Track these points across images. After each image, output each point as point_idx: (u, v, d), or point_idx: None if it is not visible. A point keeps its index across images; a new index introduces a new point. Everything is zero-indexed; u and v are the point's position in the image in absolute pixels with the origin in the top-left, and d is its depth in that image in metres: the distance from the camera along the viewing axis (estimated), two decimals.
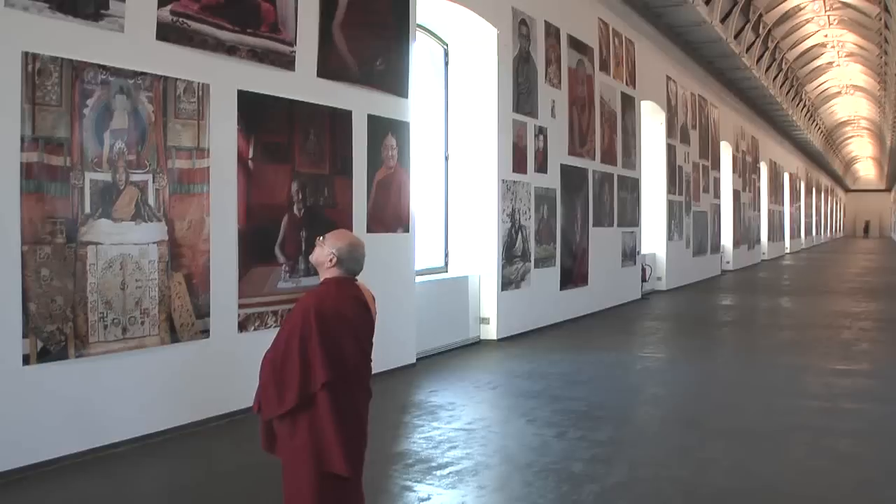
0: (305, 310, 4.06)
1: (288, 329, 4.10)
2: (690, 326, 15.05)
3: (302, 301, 4.19)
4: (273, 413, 4.10)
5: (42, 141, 5.94)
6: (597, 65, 16.10)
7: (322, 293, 4.16)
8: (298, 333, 4.02)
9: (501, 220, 12.33)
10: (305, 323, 4.02)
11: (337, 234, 4.24)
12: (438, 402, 8.31)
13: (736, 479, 5.92)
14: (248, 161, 7.72)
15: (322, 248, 4.14)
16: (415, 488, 5.71)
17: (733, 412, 8.02)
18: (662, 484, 5.85)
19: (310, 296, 4.20)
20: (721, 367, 10.97)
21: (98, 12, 6.35)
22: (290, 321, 4.12)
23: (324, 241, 4.16)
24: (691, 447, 6.78)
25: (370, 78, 9.31)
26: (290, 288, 8.15)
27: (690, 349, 12.20)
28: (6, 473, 5.68)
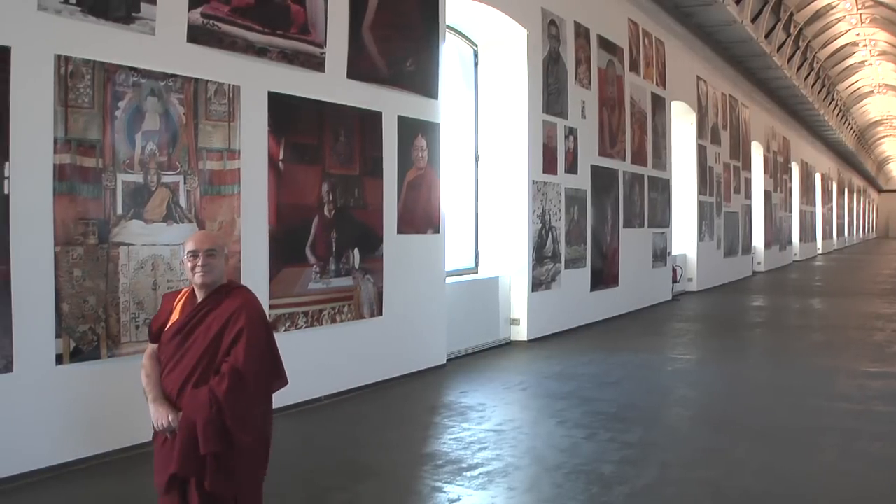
0: (261, 311, 3.96)
1: (260, 332, 3.85)
2: (721, 328, 14.83)
3: (253, 302, 3.95)
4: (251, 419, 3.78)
5: (74, 142, 5.94)
6: (627, 65, 15.93)
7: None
8: (269, 334, 3.96)
9: (532, 220, 12.23)
10: (268, 324, 4.02)
11: (215, 235, 4.11)
12: (468, 402, 8.24)
13: (766, 482, 5.80)
14: (279, 162, 7.70)
15: (218, 256, 3.87)
16: (445, 489, 5.65)
17: (764, 414, 7.87)
18: (692, 486, 5.76)
19: (253, 295, 4.03)
20: (752, 368, 10.78)
21: (129, 15, 6.34)
22: (255, 323, 3.85)
23: (215, 251, 3.87)
24: (721, 449, 6.67)
25: (400, 79, 9.26)
26: (321, 289, 8.12)
27: (721, 350, 12.04)
28: (38, 472, 5.69)
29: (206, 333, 3.78)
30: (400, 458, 6.47)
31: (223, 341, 3.77)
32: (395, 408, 8.19)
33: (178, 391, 3.75)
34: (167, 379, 3.81)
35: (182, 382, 3.75)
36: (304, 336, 7.97)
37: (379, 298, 8.91)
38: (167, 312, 3.96)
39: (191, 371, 3.75)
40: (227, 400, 3.64)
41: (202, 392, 3.67)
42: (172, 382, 3.78)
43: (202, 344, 3.78)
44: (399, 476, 6.06)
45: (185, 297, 3.96)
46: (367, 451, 6.66)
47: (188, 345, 3.80)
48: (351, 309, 8.52)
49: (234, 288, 3.99)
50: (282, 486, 5.67)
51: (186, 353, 3.79)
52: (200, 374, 3.74)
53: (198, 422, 3.60)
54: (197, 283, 3.85)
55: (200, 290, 3.87)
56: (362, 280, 8.68)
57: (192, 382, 3.73)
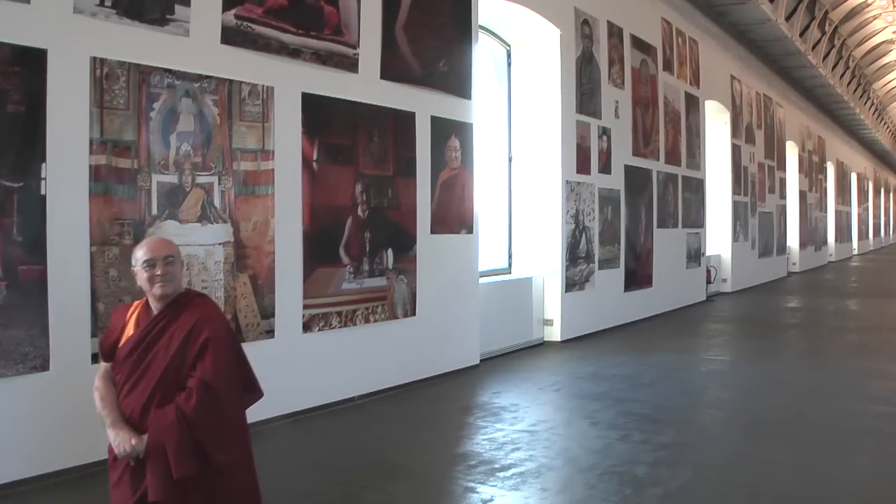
0: (226, 320, 3.73)
1: (227, 342, 3.58)
2: (755, 329, 14.58)
3: (216, 311, 3.71)
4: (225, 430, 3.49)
5: (110, 144, 5.95)
6: (660, 64, 15.74)
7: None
8: (236, 343, 3.70)
9: (565, 221, 12.11)
10: (234, 334, 3.81)
11: (169, 241, 3.79)
12: (502, 403, 8.16)
13: (800, 484, 5.68)
14: (313, 163, 7.66)
15: (176, 263, 3.61)
16: (478, 489, 5.58)
17: (798, 416, 7.70)
18: (726, 488, 5.64)
19: (215, 303, 3.81)
20: (786, 369, 10.54)
21: (164, 17, 6.34)
22: (221, 332, 3.57)
23: (173, 258, 3.60)
24: (755, 451, 6.51)
25: (433, 79, 9.20)
26: (355, 289, 8.08)
27: (755, 351, 11.82)
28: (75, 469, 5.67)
29: (167, 348, 3.47)
30: (433, 459, 6.40)
31: (187, 355, 3.45)
32: (428, 408, 8.14)
33: (140, 413, 3.42)
34: (126, 400, 3.48)
35: (144, 403, 3.42)
36: (337, 336, 7.93)
37: (412, 298, 8.87)
38: (119, 328, 3.63)
39: (153, 390, 3.42)
40: (197, 417, 3.33)
41: (168, 411, 3.34)
42: (133, 404, 3.45)
43: (163, 359, 3.45)
44: (432, 476, 6.00)
45: (139, 309, 3.64)
46: (400, 451, 6.61)
47: (147, 361, 3.47)
48: (384, 309, 8.48)
49: (193, 297, 3.68)
50: (315, 486, 5.68)
51: (146, 371, 3.46)
52: (164, 392, 3.41)
53: (167, 444, 3.29)
54: (156, 295, 3.53)
55: (158, 302, 3.56)
56: (396, 280, 8.63)
57: (156, 402, 3.40)
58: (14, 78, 5.41)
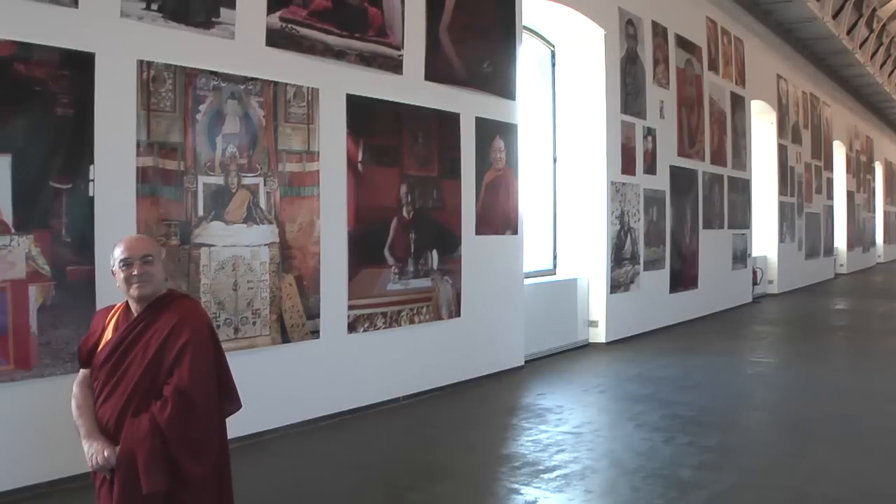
0: (208, 323, 3.46)
1: (206, 347, 3.36)
2: (802, 331, 14.23)
3: (197, 313, 3.45)
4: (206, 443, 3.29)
5: (157, 146, 5.93)
6: (705, 64, 15.46)
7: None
8: (218, 349, 3.46)
9: (610, 222, 11.93)
10: (216, 338, 3.48)
11: (149, 240, 3.62)
12: (546, 404, 8.04)
13: (847, 489, 5.47)
14: (358, 164, 7.60)
15: (155, 263, 3.39)
16: (521, 491, 5.49)
17: (845, 419, 7.44)
18: (771, 492, 5.46)
19: (198, 304, 3.61)
20: (833, 372, 10.23)
21: (209, 20, 6.33)
22: (201, 336, 3.35)
23: (152, 258, 3.38)
24: (801, 454, 6.32)
25: (477, 80, 9.09)
26: (399, 290, 8.01)
27: (802, 354, 11.52)
28: None
29: (144, 352, 3.25)
30: (477, 460, 6.31)
31: (164, 360, 3.23)
32: (472, 409, 8.03)
33: (115, 422, 3.20)
34: (102, 408, 3.26)
35: (120, 411, 3.20)
36: (382, 337, 7.87)
37: (457, 299, 8.78)
38: (98, 332, 3.41)
39: (129, 397, 3.20)
40: (171, 427, 3.12)
41: (142, 421, 3.13)
42: (109, 412, 3.23)
43: (140, 365, 3.23)
44: (476, 477, 5.90)
45: (119, 312, 3.42)
46: (445, 451, 6.53)
47: (124, 367, 3.25)
48: (429, 310, 8.40)
49: (175, 298, 3.44)
50: (358, 487, 5.61)
51: (123, 377, 3.24)
52: (140, 400, 3.20)
53: (139, 456, 3.08)
54: (133, 296, 3.31)
55: (137, 304, 3.34)
56: (440, 281, 8.55)
57: (131, 410, 3.18)
58: (63, 81, 5.42)
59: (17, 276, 5.18)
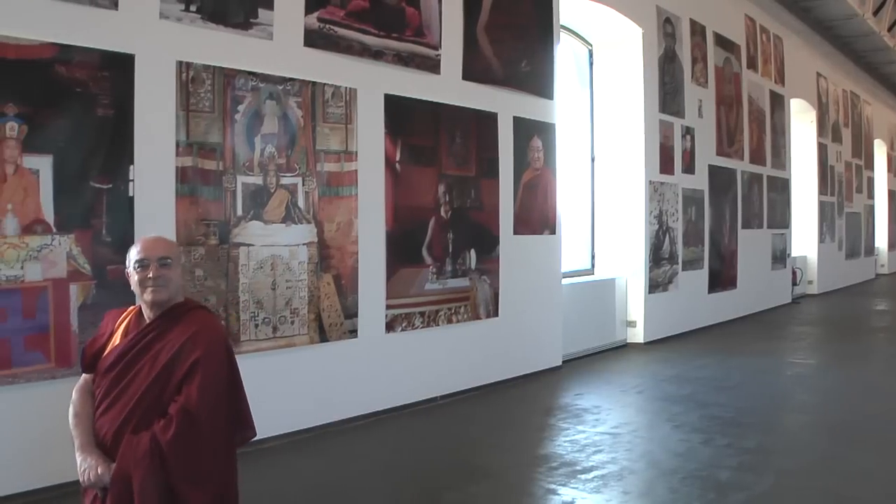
0: (224, 339, 3.20)
1: (220, 366, 3.10)
2: (843, 332, 13.84)
3: (214, 327, 3.21)
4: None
5: (196, 146, 5.90)
6: (744, 62, 15.17)
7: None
8: (233, 369, 3.19)
9: (648, 221, 11.75)
10: (232, 357, 3.19)
11: (169, 241, 3.32)
12: (584, 405, 7.90)
13: (888, 493, 5.29)
14: (396, 163, 7.53)
15: (173, 267, 3.17)
16: (559, 491, 5.38)
17: (886, 421, 7.21)
18: (811, 494, 5.30)
19: (215, 317, 3.36)
20: (874, 374, 9.92)
21: (247, 21, 6.28)
22: (215, 354, 3.09)
23: (170, 261, 3.15)
24: (842, 457, 6.11)
25: (515, 80, 8.97)
26: (437, 289, 7.93)
27: (842, 355, 11.19)
28: None
29: (153, 364, 3.01)
30: (514, 460, 6.20)
31: (173, 375, 2.99)
32: (509, 409, 7.91)
33: (113, 436, 2.96)
34: (102, 419, 3.02)
35: (119, 425, 2.96)
36: (420, 336, 7.79)
37: (495, 299, 8.68)
38: (106, 336, 3.18)
39: (130, 411, 2.97)
40: (173, 450, 2.87)
41: (142, 439, 2.88)
42: (107, 425, 3.00)
43: (146, 377, 2.99)
44: (513, 477, 5.80)
45: (130, 317, 3.19)
46: (481, 451, 6.42)
47: (129, 377, 3.01)
48: (467, 310, 8.32)
49: (191, 308, 3.20)
50: (395, 486, 5.54)
51: (126, 389, 3.00)
52: (142, 415, 2.96)
53: (134, 477, 2.83)
54: (146, 301, 3.09)
55: (150, 310, 3.11)
56: (478, 281, 8.46)
57: (132, 426, 2.94)
58: (103, 82, 5.40)
59: (58, 275, 5.17)
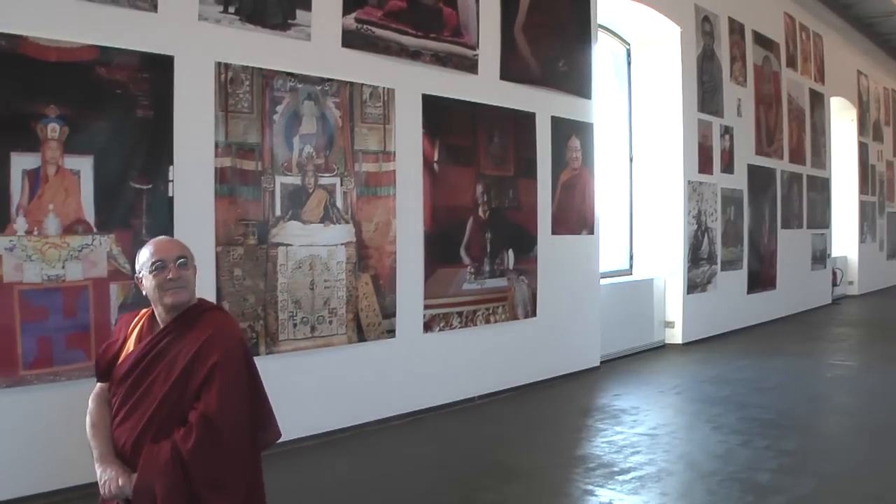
0: (242, 341, 3.08)
1: (239, 369, 2.99)
2: (884, 333, 13.40)
3: (230, 329, 3.08)
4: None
5: (235, 146, 5.86)
6: (783, 61, 14.84)
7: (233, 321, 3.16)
8: (252, 371, 3.08)
9: (687, 221, 11.57)
10: (251, 358, 3.09)
11: (182, 243, 3.16)
12: (622, 405, 7.76)
13: None
14: (434, 164, 7.44)
15: (190, 267, 3.05)
16: (596, 492, 5.26)
17: None
18: (853, 499, 5.12)
19: (231, 318, 3.19)
20: None
21: (285, 22, 6.24)
22: (233, 357, 2.97)
23: (186, 261, 3.04)
24: (884, 460, 5.91)
25: (553, 80, 8.85)
26: (475, 289, 7.83)
27: (883, 357, 10.81)
28: None
29: (170, 371, 2.88)
30: (551, 460, 6.08)
31: (191, 381, 2.86)
32: (547, 409, 7.78)
33: (132, 446, 2.84)
34: (120, 429, 2.90)
35: (138, 435, 2.84)
36: (458, 336, 7.70)
37: (533, 299, 8.57)
38: (120, 342, 3.05)
39: (149, 419, 2.84)
40: (195, 458, 2.75)
41: (163, 448, 2.77)
42: (126, 435, 2.87)
43: (164, 384, 2.87)
44: (550, 478, 5.67)
45: (143, 321, 3.06)
46: (519, 452, 6.30)
47: (146, 385, 2.88)
48: (505, 310, 8.22)
49: (206, 310, 3.06)
50: (431, 486, 5.46)
51: (144, 397, 2.88)
52: (161, 423, 2.84)
53: (157, 488, 2.73)
54: (167, 304, 2.96)
55: (167, 314, 2.99)
56: (516, 281, 8.35)
57: (151, 435, 2.83)
58: (143, 84, 5.37)
59: (98, 275, 5.15)
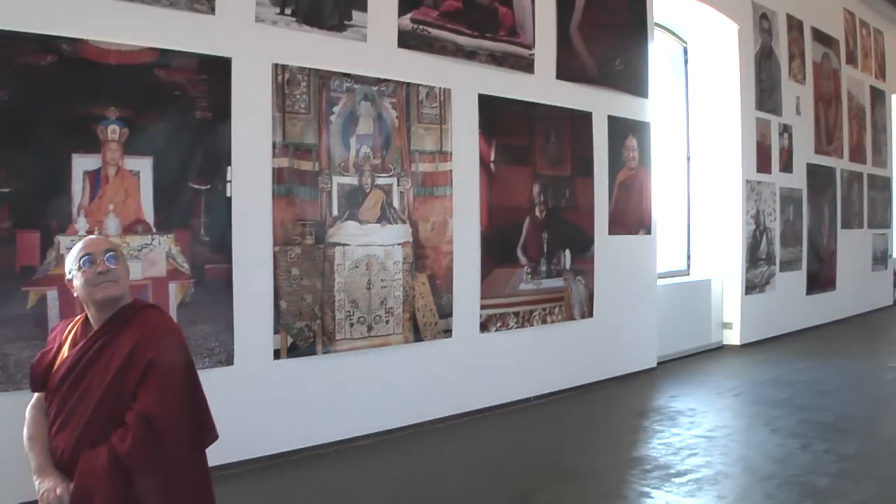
0: (178, 337, 2.87)
1: (175, 366, 2.78)
2: None
3: (165, 325, 2.90)
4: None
5: (292, 147, 5.78)
6: (843, 58, 14.27)
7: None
8: (189, 368, 2.87)
9: (745, 221, 11.24)
10: (188, 355, 2.88)
11: (110, 240, 3.02)
12: (679, 407, 7.50)
13: None
14: (490, 164, 7.27)
15: (120, 262, 2.88)
16: (652, 494, 5.05)
17: None
18: None
19: (167, 315, 3.02)
20: None
21: (342, 23, 6.13)
22: (169, 353, 2.77)
23: (115, 254, 2.85)
24: None
25: (609, 79, 8.61)
26: (532, 290, 7.65)
27: None
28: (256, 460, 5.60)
29: (105, 372, 2.67)
30: (607, 462, 5.87)
31: (127, 381, 2.65)
32: (603, 411, 7.55)
33: (71, 454, 2.63)
34: (58, 438, 2.68)
35: (76, 441, 2.63)
36: (514, 336, 7.51)
37: (589, 300, 8.37)
38: (54, 349, 2.84)
39: (86, 425, 2.63)
40: (133, 461, 2.54)
41: (100, 453, 2.56)
42: (64, 442, 2.66)
43: (100, 387, 2.66)
44: (605, 480, 5.47)
45: (76, 327, 2.85)
46: (574, 453, 6.09)
47: (82, 390, 2.68)
48: (561, 310, 8.05)
49: (140, 309, 2.86)
50: (486, 486, 5.29)
51: (80, 402, 2.66)
52: (100, 428, 2.62)
53: (95, 495, 2.52)
54: (98, 301, 2.76)
55: (101, 311, 2.78)
56: (573, 281, 8.16)
57: (89, 440, 2.61)
58: (201, 86, 5.31)
59: (157, 274, 5.10)
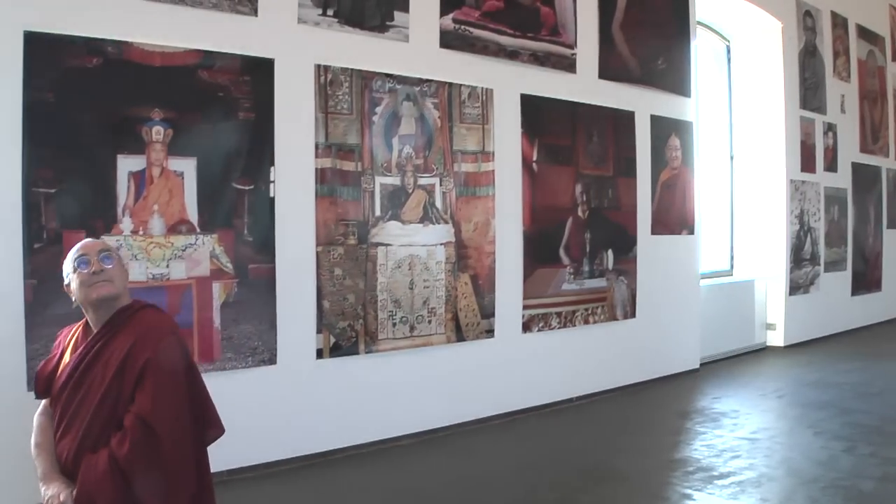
0: (176, 336, 2.78)
1: (173, 366, 2.69)
2: None
3: (162, 325, 2.81)
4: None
5: (335, 147, 5.70)
6: (889, 55, 13.84)
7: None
8: (188, 367, 2.78)
9: (789, 221, 11.00)
10: (187, 354, 2.79)
11: (105, 242, 2.93)
12: (722, 409, 7.31)
13: None
14: (532, 163, 7.14)
15: (115, 262, 2.81)
16: (694, 496, 4.92)
17: None
18: None
19: (164, 314, 2.93)
20: None
21: (383, 24, 6.05)
22: (166, 353, 2.69)
23: (109, 253, 2.80)
24: None
25: (652, 78, 8.42)
26: (574, 290, 7.50)
27: None
28: (299, 459, 5.56)
29: (103, 376, 2.62)
30: (648, 463, 5.72)
31: (125, 383, 2.59)
32: (645, 411, 7.38)
33: (73, 458, 2.59)
34: (62, 443, 2.64)
35: (78, 446, 2.59)
36: (556, 337, 7.38)
37: (632, 300, 8.21)
38: (57, 356, 2.79)
39: (87, 429, 2.59)
40: (131, 464, 2.49)
41: (100, 458, 2.51)
42: (67, 447, 2.62)
43: (98, 390, 2.60)
44: (647, 481, 5.32)
45: (77, 332, 2.79)
46: (615, 454, 5.95)
47: (82, 394, 2.63)
48: (604, 310, 7.89)
49: (138, 310, 2.79)
50: (529, 487, 5.19)
51: (81, 406, 2.62)
52: (100, 431, 2.57)
53: (96, 499, 2.49)
54: (93, 301, 2.70)
55: (98, 312, 2.72)
56: (616, 281, 8.00)
57: (91, 445, 2.57)
58: (245, 87, 5.26)
59: (201, 274, 5.06)
